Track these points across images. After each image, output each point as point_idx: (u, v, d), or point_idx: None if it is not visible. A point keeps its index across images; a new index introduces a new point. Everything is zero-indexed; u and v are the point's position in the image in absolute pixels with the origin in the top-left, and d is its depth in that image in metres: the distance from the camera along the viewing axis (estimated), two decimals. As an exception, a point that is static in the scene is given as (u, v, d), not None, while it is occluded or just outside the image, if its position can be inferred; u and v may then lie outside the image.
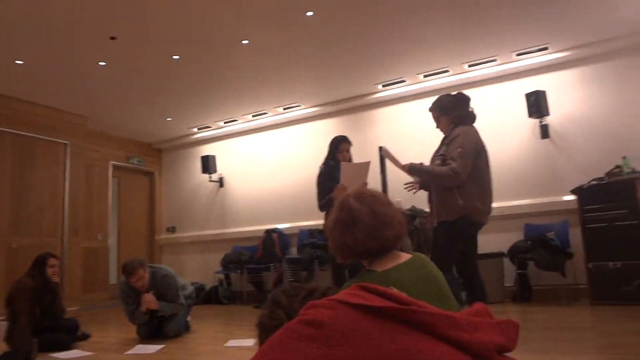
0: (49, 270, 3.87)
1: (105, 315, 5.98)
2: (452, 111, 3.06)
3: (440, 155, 2.98)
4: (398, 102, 5.96)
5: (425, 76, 5.62)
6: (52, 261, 3.90)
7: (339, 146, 3.72)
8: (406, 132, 5.74)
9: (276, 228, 6.49)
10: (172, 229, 7.71)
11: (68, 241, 6.04)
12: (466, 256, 2.99)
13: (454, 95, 3.12)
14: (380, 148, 5.24)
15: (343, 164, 3.43)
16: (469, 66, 5.41)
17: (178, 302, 4.04)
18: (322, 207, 3.60)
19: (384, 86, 5.90)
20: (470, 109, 3.08)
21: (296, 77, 5.48)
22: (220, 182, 7.28)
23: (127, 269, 3.82)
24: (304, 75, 5.43)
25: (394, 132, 5.90)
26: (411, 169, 3.03)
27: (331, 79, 5.60)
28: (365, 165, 3.45)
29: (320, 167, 3.76)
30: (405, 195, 3.42)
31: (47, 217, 5.87)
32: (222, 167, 7.29)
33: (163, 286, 3.99)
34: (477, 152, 2.91)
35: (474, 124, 3.07)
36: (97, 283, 6.69)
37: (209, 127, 7.20)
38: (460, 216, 2.85)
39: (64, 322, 3.99)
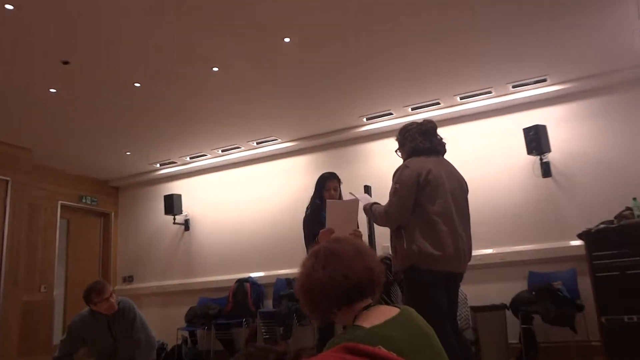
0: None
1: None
2: (406, 142, 3.09)
3: None
4: (385, 137, 5.95)
5: (413, 109, 5.66)
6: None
7: (325, 184, 3.69)
8: (394, 167, 5.69)
9: (249, 277, 6.42)
10: (129, 279, 7.55)
11: (5, 293, 5.75)
12: None
13: (416, 124, 3.13)
14: (366, 187, 5.25)
15: (329, 202, 3.38)
16: (461, 98, 5.46)
17: (150, 337, 3.79)
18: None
19: (368, 119, 5.94)
20: (434, 140, 3.05)
21: (272, 108, 5.47)
22: (186, 224, 7.23)
23: (96, 288, 3.58)
24: (281, 106, 5.42)
25: (381, 169, 5.85)
26: (364, 210, 3.17)
27: (311, 110, 5.60)
28: (353, 204, 3.40)
29: (307, 208, 3.74)
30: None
31: (-20, 266, 5.58)
32: (188, 208, 7.24)
33: (127, 320, 3.72)
34: (422, 187, 2.86)
35: (437, 156, 3.03)
36: (37, 344, 6.32)
37: (174, 162, 7.16)
38: (410, 264, 2.82)
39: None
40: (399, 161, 3.15)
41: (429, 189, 2.87)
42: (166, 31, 3.87)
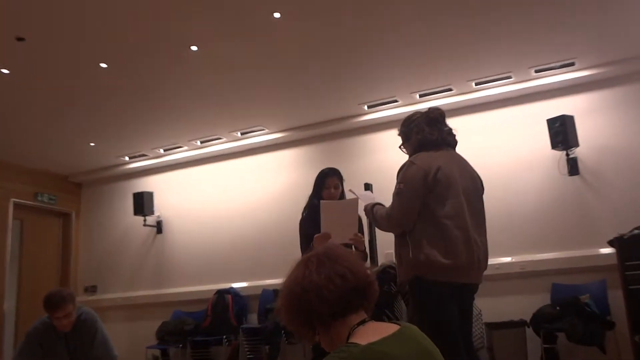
0: None
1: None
2: (412, 135, 3.09)
3: None
4: (388, 128, 5.90)
5: (421, 95, 5.67)
6: None
7: (324, 182, 3.71)
8: (399, 163, 5.69)
9: (231, 288, 6.42)
10: (92, 289, 7.54)
11: (-53, 306, 5.71)
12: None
13: (420, 113, 3.14)
14: (365, 184, 5.26)
15: (323, 203, 3.40)
16: (477, 84, 5.48)
17: (112, 356, 3.80)
18: None
19: (370, 107, 5.95)
20: (443, 131, 3.06)
21: (259, 94, 5.47)
22: (158, 226, 7.23)
23: (52, 302, 3.59)
24: (269, 91, 5.42)
25: (384, 165, 5.86)
26: (365, 211, 3.21)
27: (304, 96, 5.61)
28: (352, 204, 3.42)
29: (304, 209, 3.77)
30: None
31: None
32: (161, 208, 7.23)
33: (87, 334, 3.74)
34: (430, 187, 2.86)
35: (447, 150, 3.04)
36: (-16, 365, 6.30)
37: (145, 155, 7.15)
38: (416, 275, 2.82)
39: None
40: (402, 157, 3.15)
41: (438, 189, 2.86)
42: (138, 4, 3.86)
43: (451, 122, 3.16)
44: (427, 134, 3.02)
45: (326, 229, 3.32)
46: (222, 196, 6.90)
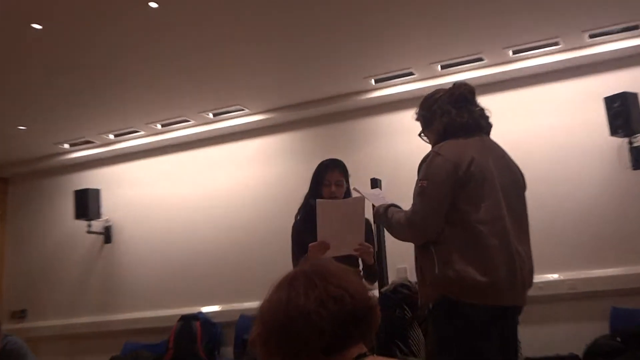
0: None
1: None
2: (435, 119, 3.10)
3: None
4: (402, 108, 5.94)
5: (444, 67, 5.70)
6: None
7: (323, 177, 3.72)
8: (417, 152, 5.68)
9: (199, 313, 6.44)
10: (20, 314, 7.54)
11: None
12: None
13: (444, 90, 3.15)
14: (372, 180, 5.25)
15: (320, 203, 3.41)
16: (514, 53, 5.48)
17: None
18: None
19: (378, 82, 5.95)
20: (474, 112, 3.07)
21: (237, 64, 5.45)
22: (107, 234, 7.25)
23: None
24: (251, 60, 5.40)
25: (397, 155, 5.88)
26: (375, 215, 3.23)
27: (294, 68, 5.61)
28: (357, 204, 3.43)
29: (297, 213, 3.81)
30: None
31: None
32: (111, 210, 7.24)
33: None
34: (461, 184, 2.87)
35: (480, 136, 3.05)
36: None
37: (91, 142, 7.20)
38: (443, 295, 2.81)
39: None
40: (420, 145, 3.19)
41: (472, 187, 2.86)
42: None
43: (481, 101, 3.16)
44: (455, 117, 3.01)
45: (324, 237, 3.33)
46: (190, 195, 6.90)
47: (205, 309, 6.47)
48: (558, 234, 5.29)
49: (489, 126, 3.12)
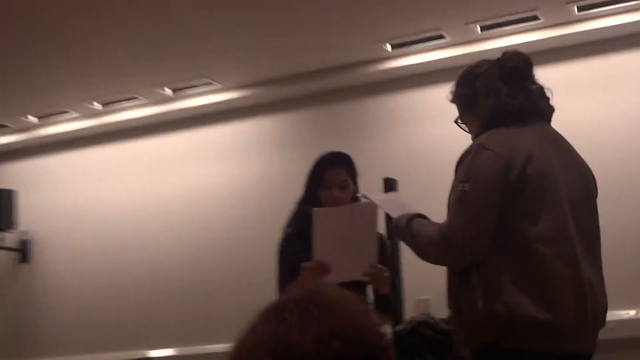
0: None
1: None
2: (478, 100, 3.15)
3: None
4: (429, 83, 6.07)
5: (484, 28, 5.76)
6: None
7: (322, 176, 3.77)
8: (450, 144, 5.70)
9: (146, 359, 6.50)
10: None
11: None
12: None
13: (490, 63, 3.21)
14: (385, 180, 5.23)
15: (317, 212, 3.47)
16: (580, 10, 5.51)
17: None
18: None
19: (395, 47, 6.02)
20: (531, 91, 3.11)
21: (206, 23, 5.50)
22: (23, 251, 7.40)
23: None
24: (224, 18, 5.47)
25: (423, 145, 5.99)
26: (394, 228, 3.30)
27: (283, 29, 5.69)
28: (367, 213, 3.51)
29: (287, 224, 3.87)
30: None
31: None
32: (30, 218, 7.32)
33: None
34: (515, 189, 2.91)
35: (539, 124, 3.11)
36: None
37: (5, 126, 7.32)
38: (490, 340, 2.87)
39: None
40: (451, 131, 3.35)
41: (528, 193, 2.90)
42: None
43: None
44: (506, 97, 3.04)
45: (322, 256, 3.33)
46: (139, 200, 7.00)
47: (154, 353, 6.55)
48: (633, 255, 5.25)
49: (550, 110, 3.17)
